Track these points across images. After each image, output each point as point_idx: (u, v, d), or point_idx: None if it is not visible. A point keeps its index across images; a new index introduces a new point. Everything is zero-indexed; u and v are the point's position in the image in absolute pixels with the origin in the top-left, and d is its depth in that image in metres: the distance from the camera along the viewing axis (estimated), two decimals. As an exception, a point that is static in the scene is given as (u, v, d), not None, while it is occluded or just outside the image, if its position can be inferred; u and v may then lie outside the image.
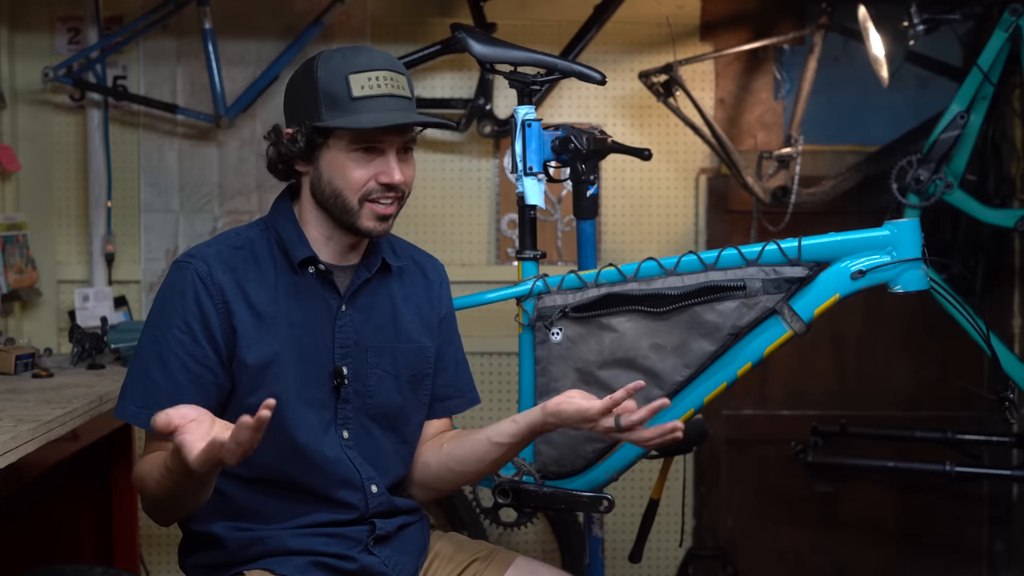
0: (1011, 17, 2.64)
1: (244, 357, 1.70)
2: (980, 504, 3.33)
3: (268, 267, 1.76)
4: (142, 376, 1.70)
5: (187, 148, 3.14)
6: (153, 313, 1.74)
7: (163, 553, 3.19)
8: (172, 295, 1.72)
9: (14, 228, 2.96)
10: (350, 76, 1.70)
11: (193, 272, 1.71)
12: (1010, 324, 3.28)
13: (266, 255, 1.77)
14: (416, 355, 1.86)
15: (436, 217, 3.24)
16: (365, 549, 1.76)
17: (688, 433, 2.27)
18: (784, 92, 3.29)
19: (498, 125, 3.13)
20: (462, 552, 1.88)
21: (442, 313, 1.94)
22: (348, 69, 1.70)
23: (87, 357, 2.57)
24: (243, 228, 1.83)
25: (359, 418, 1.79)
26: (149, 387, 1.69)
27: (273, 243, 1.78)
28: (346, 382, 1.77)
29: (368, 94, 1.70)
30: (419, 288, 1.91)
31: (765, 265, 1.97)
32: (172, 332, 1.69)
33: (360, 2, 3.12)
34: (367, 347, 1.80)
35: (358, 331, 1.79)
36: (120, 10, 3.10)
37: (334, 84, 1.70)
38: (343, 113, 1.69)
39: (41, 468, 2.14)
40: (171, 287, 1.73)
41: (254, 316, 1.72)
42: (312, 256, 1.77)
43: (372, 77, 1.70)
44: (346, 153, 1.71)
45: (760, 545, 3.35)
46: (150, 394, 1.68)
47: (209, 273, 1.71)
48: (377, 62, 1.72)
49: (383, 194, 1.73)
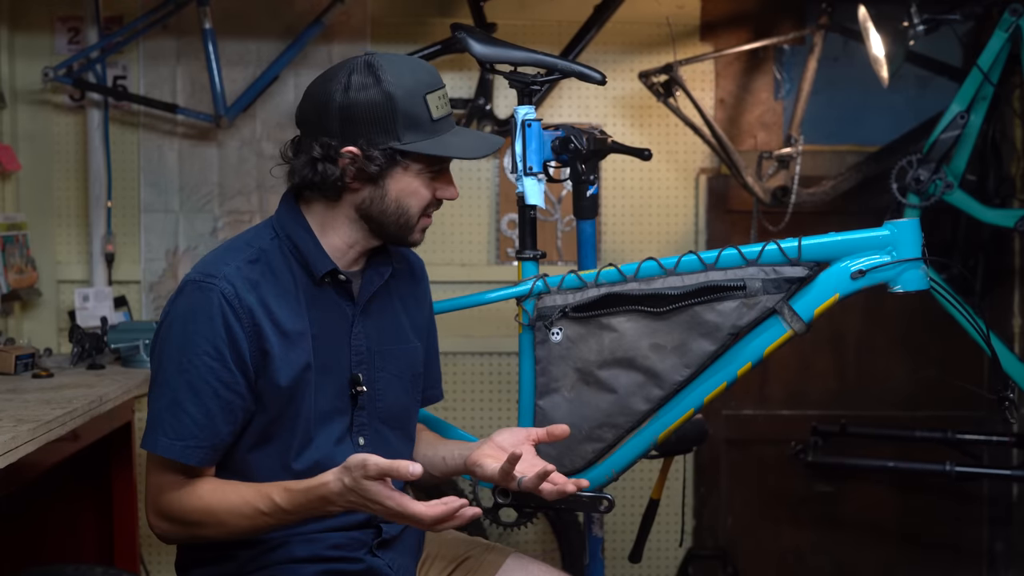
0: (1011, 17, 2.64)
1: (277, 380, 1.66)
2: (980, 504, 3.33)
3: (287, 280, 1.70)
4: (172, 406, 1.63)
5: (187, 148, 3.14)
6: (175, 338, 1.64)
7: (163, 553, 3.19)
8: (197, 319, 1.63)
9: (14, 228, 2.96)
10: (427, 96, 1.67)
11: (219, 294, 1.63)
12: (1010, 324, 3.28)
13: (283, 267, 1.71)
14: (413, 355, 1.87)
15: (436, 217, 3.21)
16: (369, 551, 1.75)
17: (688, 433, 2.29)
18: (784, 92, 3.29)
19: (498, 125, 3.13)
20: (456, 549, 1.89)
21: (427, 312, 1.95)
22: (422, 88, 1.67)
23: (87, 357, 2.57)
24: (250, 237, 1.74)
25: (373, 423, 1.78)
26: (181, 417, 1.62)
27: (288, 254, 1.72)
28: (364, 389, 1.75)
29: (443, 114, 1.70)
30: (410, 288, 1.90)
31: (765, 265, 1.97)
32: (201, 359, 1.62)
33: (360, 2, 3.12)
34: (375, 352, 1.79)
35: (369, 337, 1.78)
36: (120, 10, 3.10)
37: (414, 104, 1.66)
38: (426, 135, 1.67)
39: (41, 468, 2.14)
40: (194, 309, 1.63)
41: (281, 335, 1.66)
42: (335, 269, 1.73)
43: (441, 95, 1.70)
44: (420, 174, 1.70)
45: (760, 545, 3.35)
46: (183, 425, 1.62)
47: (236, 295, 1.63)
48: (437, 78, 1.71)
49: (435, 208, 1.77)
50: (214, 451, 1.65)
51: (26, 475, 2.05)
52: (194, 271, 1.68)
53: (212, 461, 1.66)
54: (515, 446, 1.71)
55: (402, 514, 1.51)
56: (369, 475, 1.50)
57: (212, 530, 1.64)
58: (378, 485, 1.50)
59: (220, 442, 1.64)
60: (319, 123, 1.68)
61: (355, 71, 1.66)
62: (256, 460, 1.68)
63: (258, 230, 1.77)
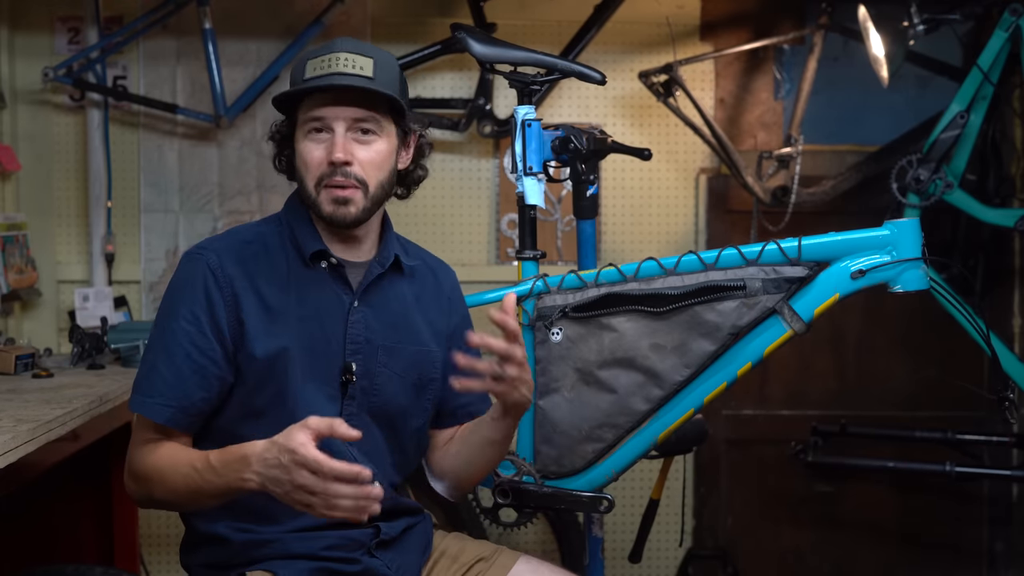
0: (1011, 17, 2.64)
1: (252, 350, 1.70)
2: (980, 504, 3.33)
3: (280, 260, 1.76)
4: (148, 368, 1.71)
5: (187, 148, 3.14)
6: (163, 305, 1.74)
7: (163, 553, 3.19)
8: (182, 286, 1.72)
9: (14, 228, 2.96)
10: (308, 61, 1.73)
11: (204, 264, 1.71)
12: (1010, 324, 3.28)
13: (278, 249, 1.77)
14: (424, 359, 1.84)
15: (436, 217, 3.24)
16: (368, 552, 1.75)
17: (688, 433, 2.29)
18: (784, 92, 3.29)
19: (498, 125, 3.13)
20: (466, 552, 1.88)
21: (456, 321, 1.91)
22: (308, 56, 1.74)
23: (87, 357, 2.57)
24: (256, 223, 1.84)
25: (361, 415, 1.77)
26: (153, 378, 1.69)
27: (286, 237, 1.78)
28: (354, 379, 1.75)
29: (318, 74, 1.71)
30: (430, 291, 1.89)
31: (765, 265, 1.97)
32: (179, 323, 1.69)
33: (360, 2, 3.12)
34: (378, 345, 1.78)
35: (370, 328, 1.78)
36: (120, 10, 3.10)
37: (296, 72, 1.75)
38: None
39: (41, 468, 2.14)
40: (181, 279, 1.73)
41: (263, 309, 1.71)
42: (323, 250, 1.76)
43: (326, 59, 1.72)
44: (303, 135, 1.73)
45: (760, 545, 3.35)
46: (154, 384, 1.69)
47: (220, 265, 1.71)
48: (337, 47, 1.73)
49: (333, 178, 1.70)
50: (184, 413, 1.69)
51: (26, 475, 2.05)
52: (193, 246, 1.78)
53: (183, 424, 1.70)
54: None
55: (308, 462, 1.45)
56: (308, 426, 1.48)
57: (158, 487, 1.68)
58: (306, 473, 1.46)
59: (191, 405, 1.69)
60: None
61: None
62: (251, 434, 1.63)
63: (267, 219, 1.85)
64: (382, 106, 1.73)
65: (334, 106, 1.70)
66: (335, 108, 1.70)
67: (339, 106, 1.70)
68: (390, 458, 1.82)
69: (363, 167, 1.72)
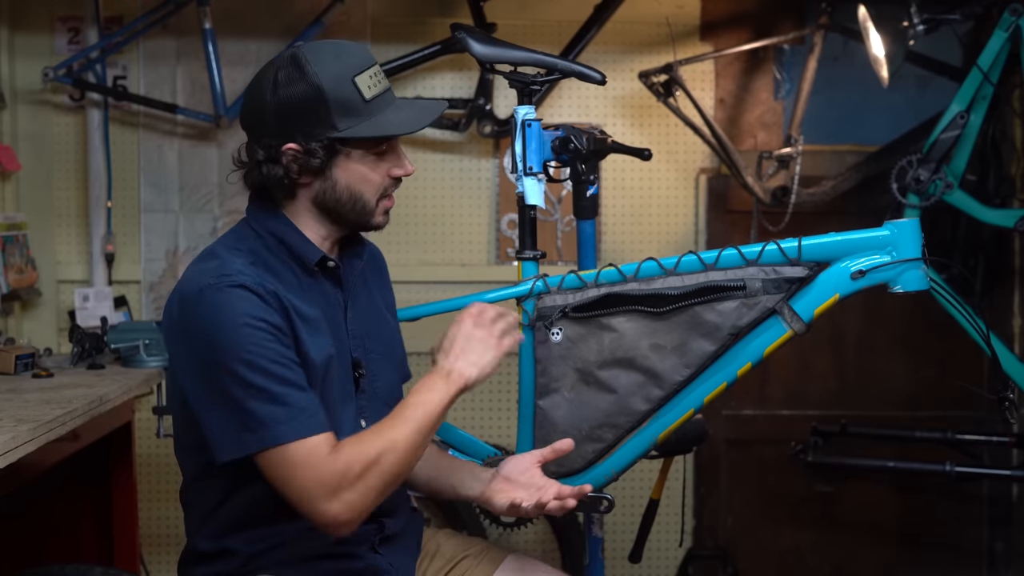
0: (1011, 17, 2.64)
1: (312, 358, 1.64)
2: (980, 504, 3.33)
3: (287, 273, 1.70)
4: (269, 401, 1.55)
5: (187, 148, 3.14)
6: (221, 343, 1.56)
7: (163, 553, 3.19)
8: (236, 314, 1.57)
9: (14, 228, 2.96)
10: (356, 79, 1.65)
11: (243, 288, 1.59)
12: (1010, 324, 3.28)
13: (277, 263, 1.70)
14: (394, 336, 1.90)
15: (436, 217, 3.24)
16: (371, 548, 1.75)
17: (688, 433, 2.29)
18: (784, 92, 3.29)
19: (498, 125, 3.13)
20: (453, 548, 1.90)
21: (391, 293, 1.96)
22: (350, 71, 1.65)
23: (87, 357, 2.57)
24: (230, 241, 1.72)
25: (373, 405, 1.78)
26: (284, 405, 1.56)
27: (275, 250, 1.71)
28: (364, 373, 1.77)
29: (377, 93, 1.67)
30: (373, 271, 1.91)
31: (765, 265, 1.97)
32: (262, 348, 1.56)
33: (360, 2, 3.12)
34: (365, 335, 1.80)
35: (359, 321, 1.80)
36: (120, 10, 3.10)
37: (342, 90, 1.64)
38: (361, 118, 1.65)
39: (41, 468, 2.14)
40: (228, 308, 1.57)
41: (302, 319, 1.66)
42: (325, 255, 1.73)
43: (372, 75, 1.68)
44: (366, 157, 1.69)
45: (760, 545, 3.35)
46: (290, 408, 1.56)
47: (260, 284, 1.60)
48: (366, 57, 1.69)
49: (394, 188, 1.74)
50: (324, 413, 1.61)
51: (26, 475, 2.05)
52: (203, 277, 1.61)
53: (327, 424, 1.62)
54: (522, 473, 1.82)
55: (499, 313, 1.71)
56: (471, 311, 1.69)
57: (389, 458, 1.58)
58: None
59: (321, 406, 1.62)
60: (258, 125, 1.69)
61: (281, 67, 1.66)
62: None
63: (236, 235, 1.74)
64: None
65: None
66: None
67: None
68: None
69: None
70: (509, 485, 1.81)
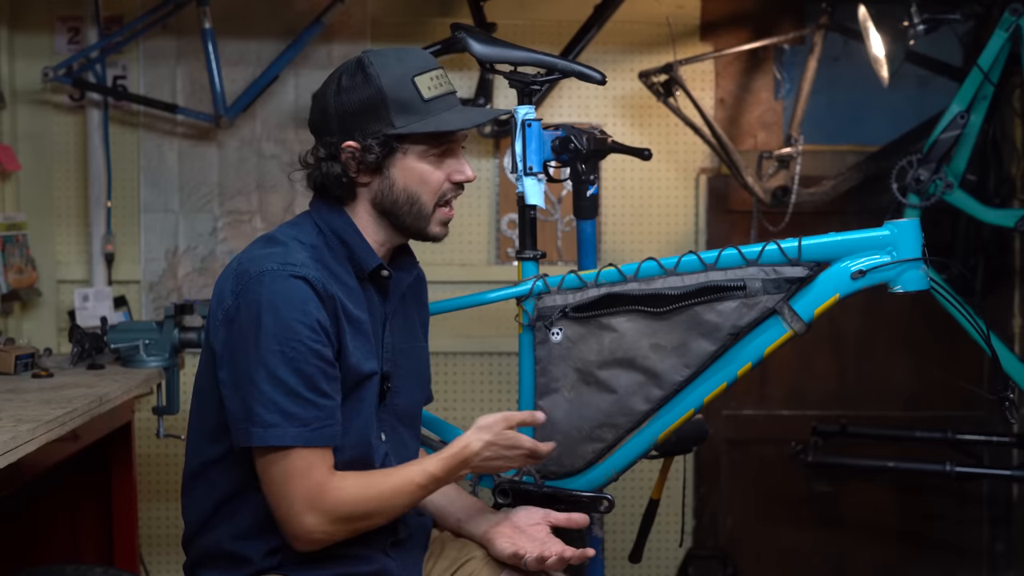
0: (1011, 17, 2.64)
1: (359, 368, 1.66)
2: (980, 504, 3.33)
3: (345, 275, 1.71)
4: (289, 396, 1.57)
5: (187, 148, 3.14)
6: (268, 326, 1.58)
7: (163, 553, 3.19)
8: (292, 305, 1.59)
9: (14, 228, 2.96)
10: (416, 79, 1.68)
11: (306, 282, 1.61)
12: (1010, 324, 3.28)
13: (335, 264, 1.70)
14: (423, 356, 1.90)
15: (436, 217, 3.24)
16: (383, 551, 1.76)
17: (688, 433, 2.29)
18: (784, 92, 3.29)
19: (498, 125, 3.13)
20: (458, 550, 1.89)
21: (426, 316, 1.96)
22: (410, 72, 1.68)
23: (87, 357, 2.57)
24: (295, 233, 1.72)
25: (391, 420, 1.80)
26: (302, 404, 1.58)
27: (335, 250, 1.72)
28: (391, 387, 1.78)
29: (437, 94, 1.69)
30: (418, 292, 1.92)
31: (765, 265, 1.97)
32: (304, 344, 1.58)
33: (360, 2, 3.12)
34: (398, 350, 1.81)
35: (394, 335, 1.81)
36: (120, 10, 3.10)
37: (402, 89, 1.67)
38: (419, 116, 1.67)
39: (41, 468, 2.14)
40: (288, 296, 1.59)
41: (352, 325, 1.67)
42: (381, 264, 1.74)
43: (434, 77, 1.70)
44: (424, 157, 1.70)
45: (760, 545, 3.35)
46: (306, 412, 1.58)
47: (323, 284, 1.62)
48: (430, 61, 1.72)
49: (454, 195, 1.75)
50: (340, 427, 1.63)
51: (26, 475, 2.05)
52: (267, 261, 1.62)
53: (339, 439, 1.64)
54: (532, 526, 1.83)
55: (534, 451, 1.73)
56: (511, 424, 1.70)
57: (378, 519, 1.65)
58: (513, 432, 1.71)
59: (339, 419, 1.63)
60: (323, 126, 1.72)
61: (346, 71, 1.71)
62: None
63: (298, 227, 1.75)
64: None
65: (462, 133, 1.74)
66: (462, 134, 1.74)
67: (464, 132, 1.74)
68: (414, 456, 1.85)
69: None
70: (516, 533, 1.82)
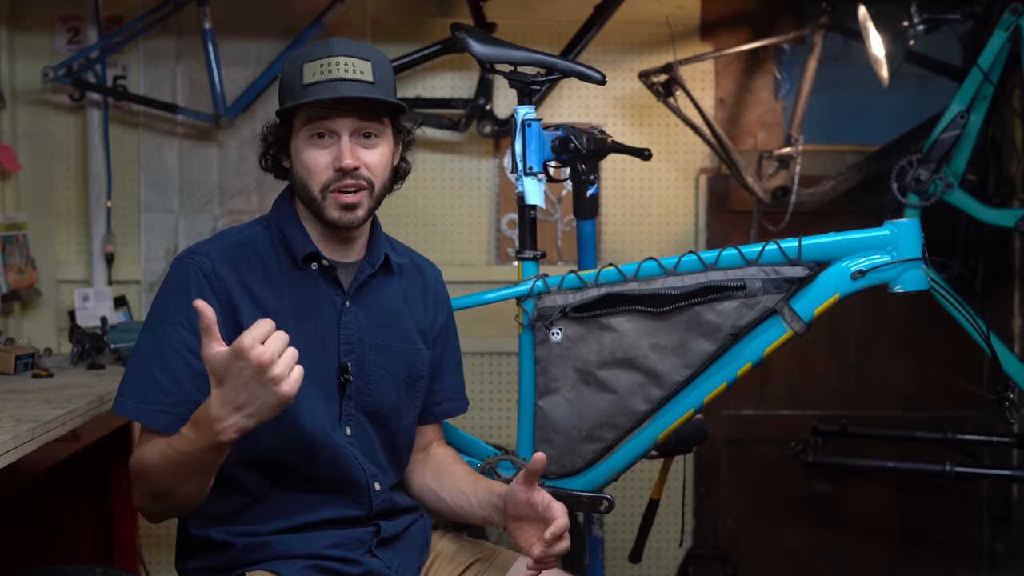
0: (1011, 17, 2.64)
1: None
2: (980, 504, 3.33)
3: (272, 264, 1.76)
4: (142, 372, 1.68)
5: (187, 148, 3.14)
6: (154, 309, 1.73)
7: (163, 553, 3.19)
8: (174, 291, 1.71)
9: (14, 228, 2.96)
10: (304, 65, 1.72)
11: (196, 268, 1.71)
12: (1010, 324, 3.28)
13: (269, 252, 1.77)
14: (414, 357, 1.87)
15: (436, 217, 3.24)
16: (369, 551, 1.75)
17: (688, 433, 2.29)
18: (784, 92, 3.29)
19: (498, 125, 3.13)
20: (464, 552, 1.88)
21: (442, 321, 1.94)
22: (305, 59, 1.73)
23: (87, 357, 2.57)
24: (244, 226, 1.83)
25: (358, 415, 1.79)
26: (149, 383, 1.67)
27: (276, 240, 1.78)
28: (350, 379, 1.77)
29: (318, 80, 1.70)
30: (418, 291, 1.91)
31: (765, 265, 1.97)
32: (174, 328, 1.68)
33: (360, 2, 3.12)
34: (370, 345, 1.80)
35: (362, 328, 1.79)
36: (120, 10, 3.10)
37: (291, 75, 1.74)
38: (293, 99, 1.72)
39: (41, 468, 2.14)
40: (173, 283, 1.72)
41: (260, 313, 1.70)
42: (315, 252, 1.77)
43: (325, 63, 1.71)
44: (304, 140, 1.73)
45: (760, 545, 3.35)
46: (150, 390, 1.67)
47: (213, 269, 1.71)
48: (335, 50, 1.72)
49: (342, 182, 1.72)
50: (182, 420, 1.61)
51: (26, 475, 2.05)
52: (183, 251, 1.78)
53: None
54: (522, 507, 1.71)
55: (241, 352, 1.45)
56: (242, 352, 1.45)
57: (150, 479, 1.63)
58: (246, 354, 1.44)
59: (188, 412, 1.59)
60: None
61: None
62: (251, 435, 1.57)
63: (253, 222, 1.85)
64: (383, 111, 1.75)
65: (339, 117, 1.71)
66: (340, 118, 1.71)
67: (344, 116, 1.71)
68: (386, 456, 1.84)
69: (369, 169, 1.74)
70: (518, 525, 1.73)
